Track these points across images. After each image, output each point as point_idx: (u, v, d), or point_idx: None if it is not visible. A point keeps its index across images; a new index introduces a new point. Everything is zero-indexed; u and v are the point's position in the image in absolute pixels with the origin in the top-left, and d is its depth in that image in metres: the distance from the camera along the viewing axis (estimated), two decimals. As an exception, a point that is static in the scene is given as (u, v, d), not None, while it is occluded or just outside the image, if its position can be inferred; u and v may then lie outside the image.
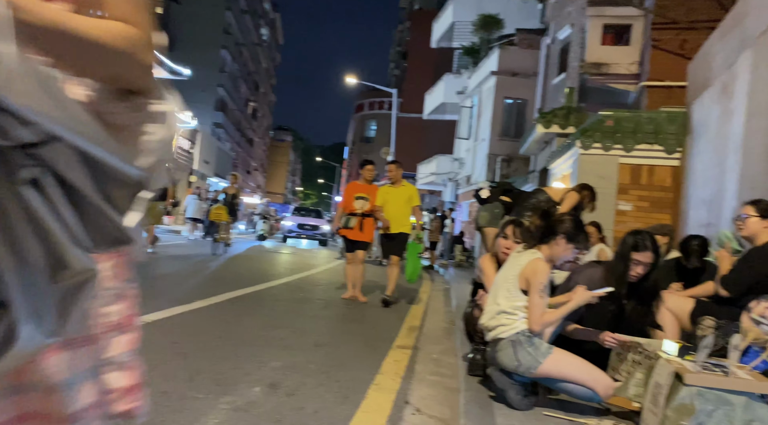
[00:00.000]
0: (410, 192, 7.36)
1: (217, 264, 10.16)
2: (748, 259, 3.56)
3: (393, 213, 7.18)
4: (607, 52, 12.20)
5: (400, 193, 7.32)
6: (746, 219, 3.58)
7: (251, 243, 17.25)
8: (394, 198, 7.26)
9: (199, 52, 41.60)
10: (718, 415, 2.47)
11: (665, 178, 7.92)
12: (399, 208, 7.24)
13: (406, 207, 7.29)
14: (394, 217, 7.17)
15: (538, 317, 2.97)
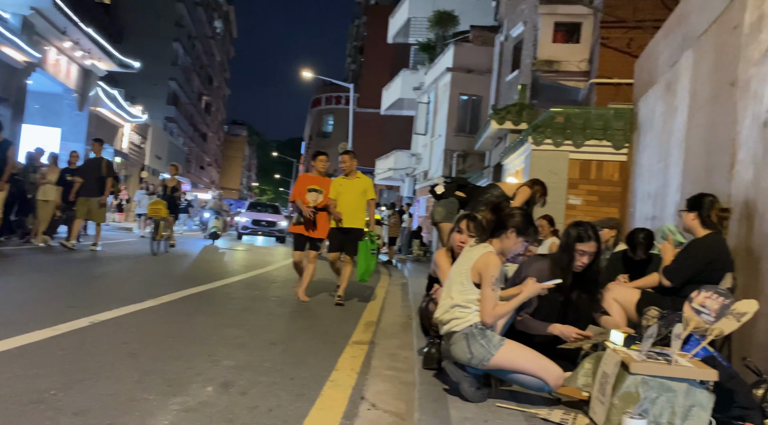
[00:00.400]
0: (365, 184, 6.89)
1: (168, 262, 9.93)
2: (689, 250, 3.71)
3: (347, 206, 6.74)
4: (558, 50, 12.46)
5: (355, 185, 6.85)
6: (682, 213, 3.78)
7: (203, 242, 16.34)
8: (348, 190, 6.78)
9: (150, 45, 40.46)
10: (661, 402, 2.56)
11: (613, 173, 8.16)
12: (353, 201, 6.78)
13: (361, 200, 6.85)
14: (347, 211, 6.73)
15: (490, 309, 3.02)
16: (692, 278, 3.60)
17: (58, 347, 3.61)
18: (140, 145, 33.30)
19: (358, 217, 6.80)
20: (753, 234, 3.67)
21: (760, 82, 3.78)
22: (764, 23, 3.81)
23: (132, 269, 8.33)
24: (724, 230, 3.80)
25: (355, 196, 6.81)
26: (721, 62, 4.58)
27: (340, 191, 6.80)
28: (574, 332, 3.19)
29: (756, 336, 3.45)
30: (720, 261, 3.56)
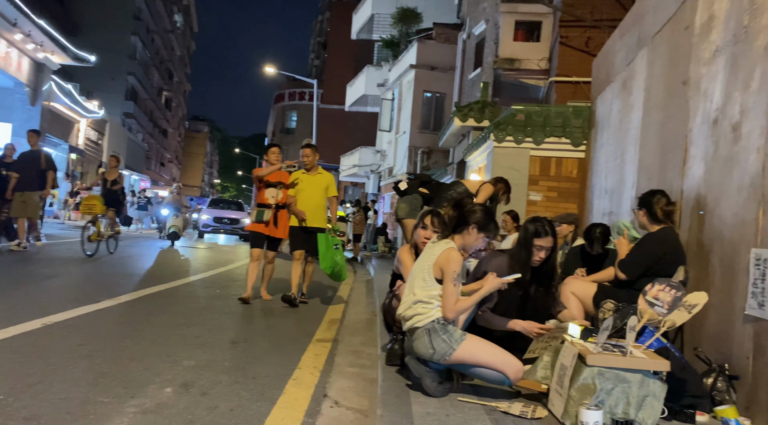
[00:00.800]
0: (327, 181, 6.49)
1: (125, 261, 9.70)
2: (643, 245, 3.82)
3: (308, 204, 6.35)
4: (519, 48, 12.64)
5: (317, 181, 6.43)
6: (634, 211, 3.92)
7: (160, 244, 14.48)
8: (309, 187, 6.39)
9: (108, 38, 39.39)
10: (617, 392, 2.63)
11: (572, 170, 8.33)
12: (315, 198, 6.40)
13: (322, 197, 6.45)
14: (308, 209, 6.33)
15: (452, 305, 3.04)
16: (646, 271, 3.70)
17: (9, 350, 3.48)
18: (97, 142, 32.40)
19: (320, 216, 6.42)
20: (704, 229, 3.80)
21: (710, 81, 3.91)
22: (714, 24, 3.94)
23: (88, 269, 8.11)
24: (674, 224, 3.92)
25: (316, 192, 6.41)
26: (673, 61, 4.72)
27: (300, 187, 6.40)
28: (536, 327, 3.24)
29: (706, 327, 3.57)
30: (672, 255, 3.67)
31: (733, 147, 3.46)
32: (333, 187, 6.57)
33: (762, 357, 2.91)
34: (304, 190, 6.40)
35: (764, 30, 3.22)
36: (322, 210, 6.46)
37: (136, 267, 8.91)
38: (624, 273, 3.79)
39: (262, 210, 6.32)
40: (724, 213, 3.51)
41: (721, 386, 3.04)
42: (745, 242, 3.18)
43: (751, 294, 3.03)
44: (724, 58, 3.70)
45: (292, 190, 6.41)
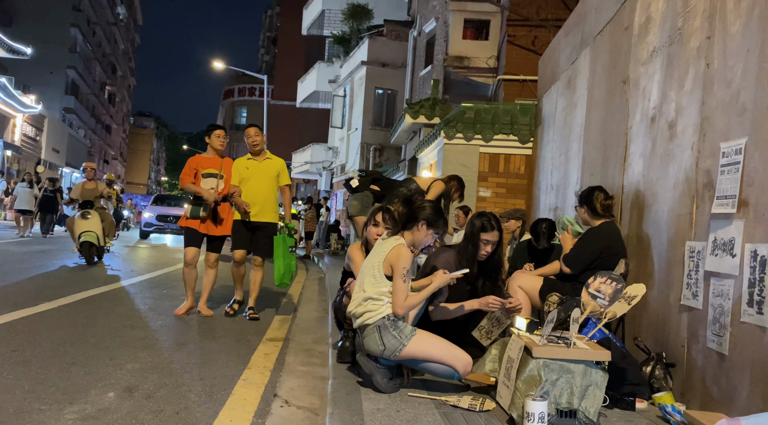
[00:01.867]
0: (278, 167, 5.56)
1: (63, 262, 9.32)
2: (586, 239, 3.94)
3: (256, 195, 5.40)
4: (468, 46, 12.80)
5: (265, 168, 5.49)
6: (576, 208, 4.05)
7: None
8: (257, 174, 5.45)
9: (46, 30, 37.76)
10: (561, 383, 2.70)
11: (520, 166, 8.51)
12: (264, 188, 5.45)
13: (273, 187, 5.54)
14: (257, 201, 5.39)
15: (402, 301, 3.05)
16: (590, 265, 3.82)
17: (-64, 358, 3.29)
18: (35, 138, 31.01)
19: (270, 209, 5.50)
20: (642, 223, 3.95)
21: (648, 81, 4.06)
22: (651, 25, 4.09)
23: (24, 271, 7.75)
24: (614, 217, 4.06)
25: (266, 181, 5.48)
26: (614, 61, 4.88)
27: (246, 175, 5.43)
28: (491, 298, 3.30)
29: (645, 318, 3.72)
30: (613, 248, 3.80)
31: (669, 144, 3.60)
32: (285, 174, 5.64)
33: (696, 345, 3.04)
34: (250, 179, 5.42)
35: (696, 32, 3.36)
36: (273, 201, 5.55)
37: (77, 269, 8.57)
38: (569, 268, 3.89)
39: (197, 204, 5.28)
40: (661, 208, 3.66)
41: (658, 374, 3.17)
42: (680, 235, 3.32)
43: (685, 285, 3.17)
44: (661, 59, 3.85)
45: (236, 178, 5.45)
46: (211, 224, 5.40)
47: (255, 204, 5.35)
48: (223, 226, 5.47)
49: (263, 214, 5.44)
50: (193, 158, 5.54)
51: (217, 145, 5.50)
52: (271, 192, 5.51)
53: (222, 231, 5.48)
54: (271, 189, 5.50)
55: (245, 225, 5.43)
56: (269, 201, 5.48)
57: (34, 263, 8.66)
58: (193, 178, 5.41)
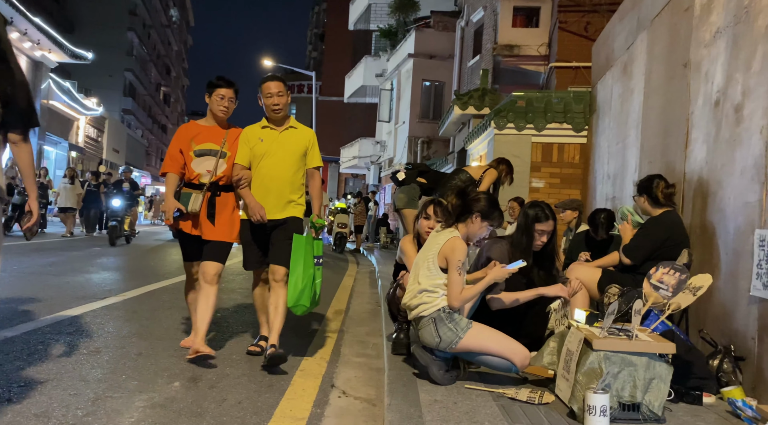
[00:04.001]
0: (306, 140, 3.77)
1: (126, 257, 9.72)
2: (647, 229, 3.82)
3: (275, 179, 3.67)
4: (518, 34, 12.57)
5: (288, 140, 3.72)
6: (635, 198, 3.91)
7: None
8: (276, 150, 3.68)
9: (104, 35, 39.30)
10: (623, 376, 2.63)
11: (574, 155, 8.31)
12: (285, 170, 3.69)
13: (297, 168, 3.74)
14: (276, 188, 3.67)
15: (457, 294, 3.05)
16: (651, 255, 3.70)
17: (18, 348, 3.50)
18: (97, 139, 32.40)
19: (293, 200, 3.73)
20: (707, 211, 3.79)
21: (711, 63, 3.89)
22: (714, 5, 3.91)
23: (96, 265, 8.13)
24: (676, 206, 3.92)
25: (288, 160, 3.70)
26: (674, 44, 4.69)
27: (259, 151, 3.67)
28: (559, 288, 3.29)
29: (711, 309, 3.58)
30: (676, 238, 3.68)
31: (736, 128, 3.44)
32: (316, 152, 3.84)
33: (767, 337, 2.91)
34: (266, 157, 3.67)
35: (765, 10, 3.19)
36: (297, 190, 3.75)
37: (140, 264, 8.93)
38: (629, 259, 3.79)
39: (187, 194, 3.62)
40: (726, 195, 3.50)
41: (726, 367, 3.05)
42: (749, 223, 3.18)
43: (755, 275, 3.03)
44: (725, 40, 3.67)
45: (244, 155, 3.67)
46: (206, 223, 3.60)
47: (273, 191, 3.62)
48: (225, 226, 3.66)
49: (283, 208, 3.66)
50: (185, 126, 3.79)
51: (217, 109, 3.63)
52: (296, 176, 3.70)
53: (222, 235, 3.63)
54: (295, 172, 3.69)
55: (259, 227, 3.66)
56: (293, 188, 3.69)
57: (91, 261, 9.07)
58: (179, 160, 3.64)
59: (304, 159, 3.76)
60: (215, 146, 3.67)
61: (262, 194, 3.64)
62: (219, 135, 3.71)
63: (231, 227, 3.71)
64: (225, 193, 3.70)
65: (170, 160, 3.69)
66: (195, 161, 3.64)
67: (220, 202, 3.68)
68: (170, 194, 3.63)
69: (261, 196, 3.63)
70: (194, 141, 3.67)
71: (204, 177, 3.63)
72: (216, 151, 3.65)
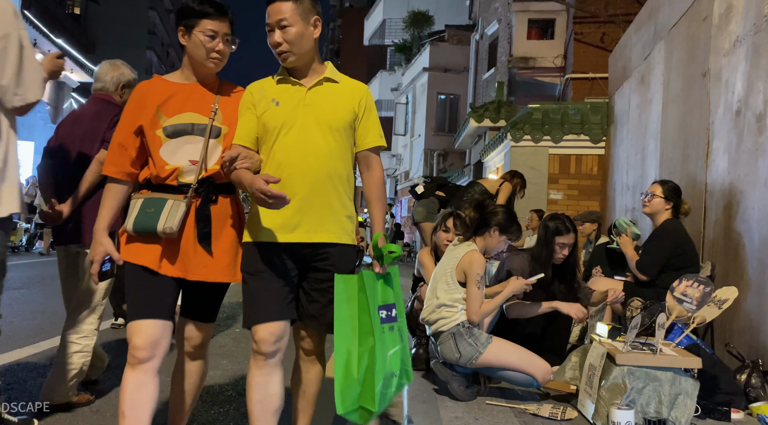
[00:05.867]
0: (353, 100, 2.13)
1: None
2: (654, 240, 3.76)
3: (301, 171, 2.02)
4: (533, 47, 12.57)
5: (324, 101, 2.09)
6: (652, 198, 3.78)
7: None
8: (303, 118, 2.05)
9: (124, 54, 39.84)
10: (648, 391, 2.58)
11: (592, 167, 8.25)
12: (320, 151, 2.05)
13: (344, 150, 2.10)
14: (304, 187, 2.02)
15: (477, 308, 3.02)
16: (664, 266, 3.65)
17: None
18: (117, 156, 32.91)
19: (336, 208, 2.09)
20: (730, 222, 3.73)
21: (730, 72, 3.84)
22: (733, 14, 3.88)
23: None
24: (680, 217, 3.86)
25: (327, 135, 2.07)
26: (692, 53, 4.65)
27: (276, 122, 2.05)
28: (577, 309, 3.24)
29: (737, 323, 3.50)
30: (683, 245, 3.63)
31: (758, 138, 3.39)
32: (373, 123, 2.19)
33: (797, 352, 2.84)
34: (288, 131, 2.06)
35: (785, 18, 3.16)
36: (343, 189, 2.12)
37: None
38: (645, 275, 3.73)
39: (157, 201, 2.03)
40: (750, 206, 3.44)
41: (755, 382, 2.97)
42: (774, 234, 3.12)
43: (783, 288, 2.97)
44: (745, 48, 3.64)
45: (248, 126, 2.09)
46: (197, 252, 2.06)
47: (295, 196, 2.00)
48: (228, 255, 2.11)
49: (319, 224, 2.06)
50: (145, 86, 2.19)
51: (204, 55, 2.12)
52: (339, 163, 2.11)
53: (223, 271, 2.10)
54: (336, 155, 2.11)
55: (276, 253, 2.06)
56: (335, 187, 2.10)
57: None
58: (132, 148, 2.10)
59: (352, 133, 2.10)
60: (202, 118, 2.06)
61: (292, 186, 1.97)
62: (206, 99, 2.10)
63: (236, 255, 2.09)
64: (224, 197, 2.09)
65: (114, 152, 2.08)
66: (167, 146, 2.03)
67: (219, 214, 2.06)
68: (102, 222, 2.04)
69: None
70: (163, 110, 2.05)
71: (186, 173, 2.02)
72: (203, 126, 2.05)
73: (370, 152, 2.16)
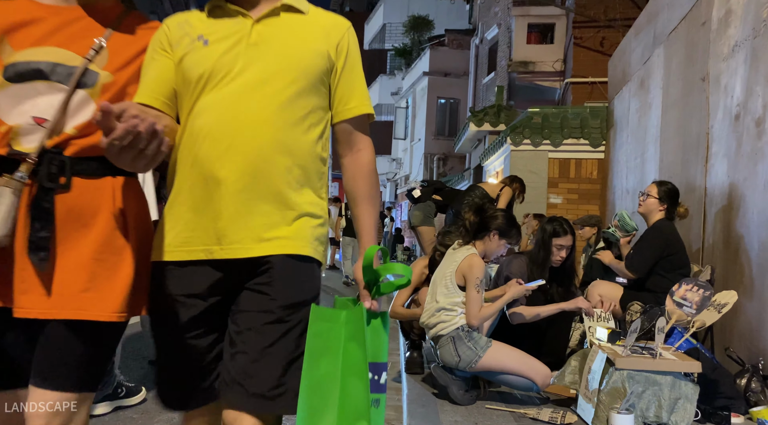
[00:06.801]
0: (326, 39, 1.37)
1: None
2: (645, 240, 3.76)
3: (239, 143, 1.23)
4: (532, 51, 12.59)
5: (281, 38, 1.30)
6: (647, 198, 3.79)
7: None
8: (249, 64, 1.27)
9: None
10: (648, 396, 2.58)
11: (592, 171, 8.25)
12: (270, 115, 1.26)
13: (306, 111, 1.31)
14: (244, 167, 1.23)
15: (476, 312, 3.02)
16: (654, 266, 3.65)
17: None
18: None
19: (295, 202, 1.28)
20: (729, 226, 3.73)
21: (729, 77, 3.85)
22: (732, 19, 3.89)
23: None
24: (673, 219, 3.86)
25: (281, 91, 1.28)
26: (691, 58, 4.66)
27: (202, 70, 1.27)
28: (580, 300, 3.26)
29: (737, 327, 3.50)
30: (673, 246, 3.63)
31: (757, 142, 3.40)
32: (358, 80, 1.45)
33: (797, 356, 2.84)
34: (224, 83, 1.27)
35: (784, 22, 3.17)
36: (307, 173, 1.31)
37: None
38: (634, 273, 3.73)
39: None
40: (750, 210, 3.45)
41: (755, 386, 2.97)
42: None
43: (782, 292, 2.97)
44: (744, 53, 3.64)
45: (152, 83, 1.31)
46: (23, 268, 1.20)
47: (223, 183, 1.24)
48: (71, 281, 1.21)
49: (266, 226, 1.26)
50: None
51: None
52: (300, 133, 1.30)
53: (58, 306, 1.19)
54: (294, 122, 1.29)
55: (193, 280, 1.26)
56: (287, 170, 1.28)
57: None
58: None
59: (325, 94, 1.40)
60: (71, 57, 1.28)
61: (200, 186, 1.27)
62: (88, 32, 1.32)
63: (114, 274, 1.26)
64: (85, 180, 1.26)
65: None
66: (6, 93, 1.26)
67: (74, 208, 1.25)
68: None
69: (200, 191, 1.27)
70: (11, 40, 1.27)
71: (25, 136, 1.24)
72: (70, 69, 1.27)
73: (353, 124, 1.39)
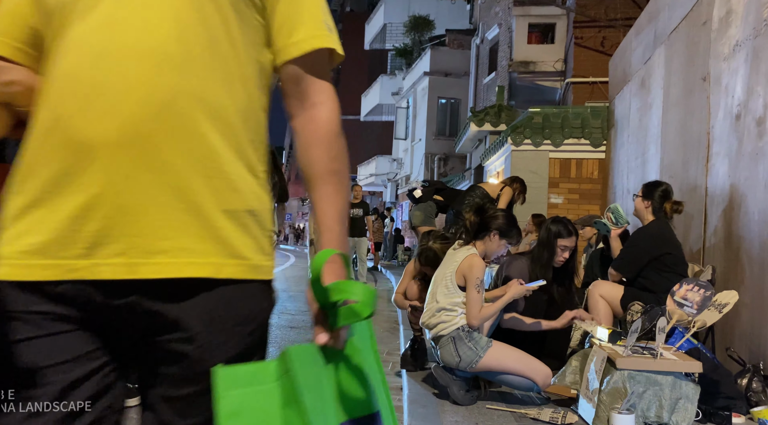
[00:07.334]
0: None
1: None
2: (634, 241, 3.76)
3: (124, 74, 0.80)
4: (533, 51, 12.59)
5: None
6: (635, 198, 3.81)
7: None
8: None
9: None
10: (648, 396, 2.58)
11: (593, 171, 8.24)
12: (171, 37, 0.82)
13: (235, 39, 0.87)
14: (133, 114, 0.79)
15: (476, 312, 3.02)
16: (643, 267, 3.64)
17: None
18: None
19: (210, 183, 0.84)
20: (730, 226, 3.73)
21: (730, 77, 3.85)
22: (732, 18, 3.89)
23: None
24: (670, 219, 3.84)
25: (186, 16, 0.83)
26: (692, 58, 4.66)
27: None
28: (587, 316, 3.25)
29: (738, 327, 3.50)
30: (665, 246, 3.61)
31: (758, 142, 3.39)
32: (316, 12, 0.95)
33: (798, 356, 2.83)
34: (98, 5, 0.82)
35: (785, 22, 3.16)
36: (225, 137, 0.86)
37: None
38: (620, 273, 3.73)
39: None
40: (751, 210, 3.44)
41: (756, 386, 2.96)
42: (774, 238, 3.11)
43: (783, 292, 2.96)
44: (745, 53, 3.64)
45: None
46: None
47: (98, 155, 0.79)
48: None
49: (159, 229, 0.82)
50: None
51: None
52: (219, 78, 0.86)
53: None
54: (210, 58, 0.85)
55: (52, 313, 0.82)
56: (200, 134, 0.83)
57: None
58: None
59: (258, 20, 0.91)
60: None
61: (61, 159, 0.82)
62: None
63: None
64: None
65: None
66: None
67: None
68: None
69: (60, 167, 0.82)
70: None
71: None
72: None
73: (303, 66, 0.95)
